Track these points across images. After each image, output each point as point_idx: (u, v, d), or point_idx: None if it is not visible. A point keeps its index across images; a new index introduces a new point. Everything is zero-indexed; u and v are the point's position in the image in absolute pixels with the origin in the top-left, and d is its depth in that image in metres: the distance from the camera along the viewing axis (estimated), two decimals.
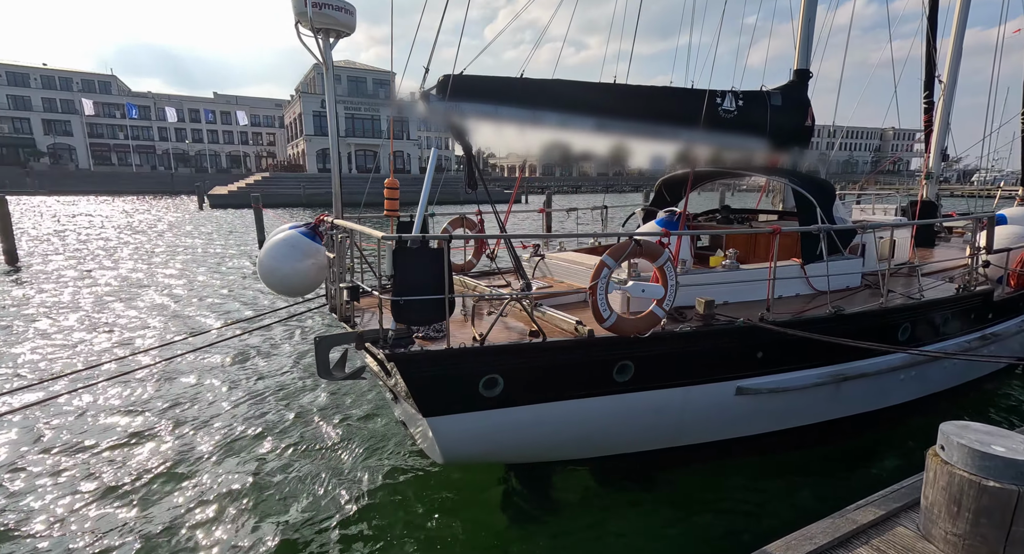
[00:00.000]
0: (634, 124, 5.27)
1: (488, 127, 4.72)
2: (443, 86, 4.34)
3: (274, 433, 5.52)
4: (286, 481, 4.62)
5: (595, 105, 5.05)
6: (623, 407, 3.94)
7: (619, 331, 3.60)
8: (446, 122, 4.55)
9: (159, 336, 8.58)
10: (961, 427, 2.05)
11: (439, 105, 4.35)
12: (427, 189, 3.72)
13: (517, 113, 4.74)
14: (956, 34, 8.07)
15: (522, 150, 6.02)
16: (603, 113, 5.10)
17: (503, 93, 4.58)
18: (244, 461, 4.99)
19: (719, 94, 5.69)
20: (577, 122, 5.12)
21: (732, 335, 4.08)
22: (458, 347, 3.25)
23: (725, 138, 5.88)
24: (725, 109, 5.72)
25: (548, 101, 4.83)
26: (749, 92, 5.96)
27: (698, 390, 4.17)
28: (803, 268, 5.21)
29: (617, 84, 5.18)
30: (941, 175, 8.51)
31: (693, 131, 5.62)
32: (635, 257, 3.61)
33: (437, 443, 3.50)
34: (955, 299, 5.06)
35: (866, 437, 5.26)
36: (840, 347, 4.41)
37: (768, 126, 5.99)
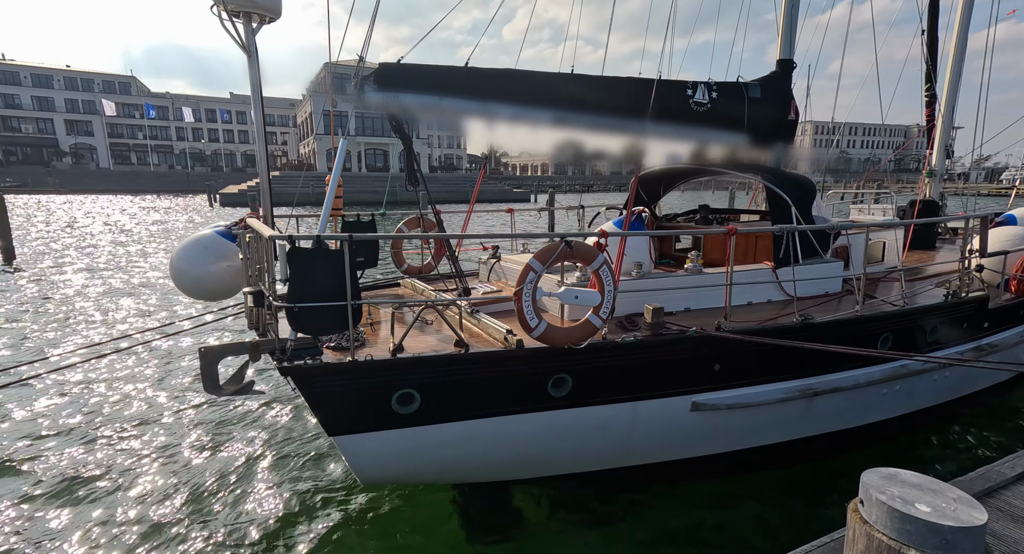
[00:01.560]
0: (595, 117, 4.96)
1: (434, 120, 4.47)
2: (380, 76, 4.08)
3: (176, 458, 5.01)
4: (211, 513, 4.18)
5: (552, 97, 4.74)
6: (562, 424, 3.64)
7: (550, 342, 3.30)
8: (386, 114, 4.30)
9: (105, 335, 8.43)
10: (887, 477, 1.71)
11: (376, 96, 4.10)
12: (333, 184, 3.45)
13: (465, 105, 4.46)
14: (960, 24, 7.53)
15: (535, 148, 5.77)
16: (561, 106, 4.79)
17: (446, 84, 4.31)
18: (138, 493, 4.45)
19: (689, 85, 5.33)
20: (533, 115, 4.83)
21: (684, 346, 3.75)
22: (364, 359, 2.99)
23: (698, 132, 5.52)
24: (697, 101, 5.35)
25: (499, 93, 4.54)
26: (724, 83, 5.58)
27: (648, 405, 3.85)
28: (775, 272, 4.83)
29: (574, 74, 4.85)
30: (946, 173, 7.97)
31: (661, 125, 5.28)
32: (566, 260, 3.31)
33: (348, 463, 3.26)
34: (943, 307, 4.63)
35: (846, 456, 4.86)
36: (809, 359, 4.05)
37: (746, 120, 5.61)
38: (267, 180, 4.24)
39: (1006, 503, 2.27)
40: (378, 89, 4.10)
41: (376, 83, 4.09)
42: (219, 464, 4.90)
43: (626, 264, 4.56)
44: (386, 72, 4.07)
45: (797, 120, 6.08)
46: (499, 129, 5.33)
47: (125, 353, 7.36)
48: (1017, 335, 5.33)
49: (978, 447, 5.15)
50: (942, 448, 5.13)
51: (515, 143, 5.59)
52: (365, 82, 4.07)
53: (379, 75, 4.07)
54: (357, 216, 5.11)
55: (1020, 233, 5.53)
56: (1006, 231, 5.64)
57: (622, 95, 5.07)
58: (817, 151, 25.11)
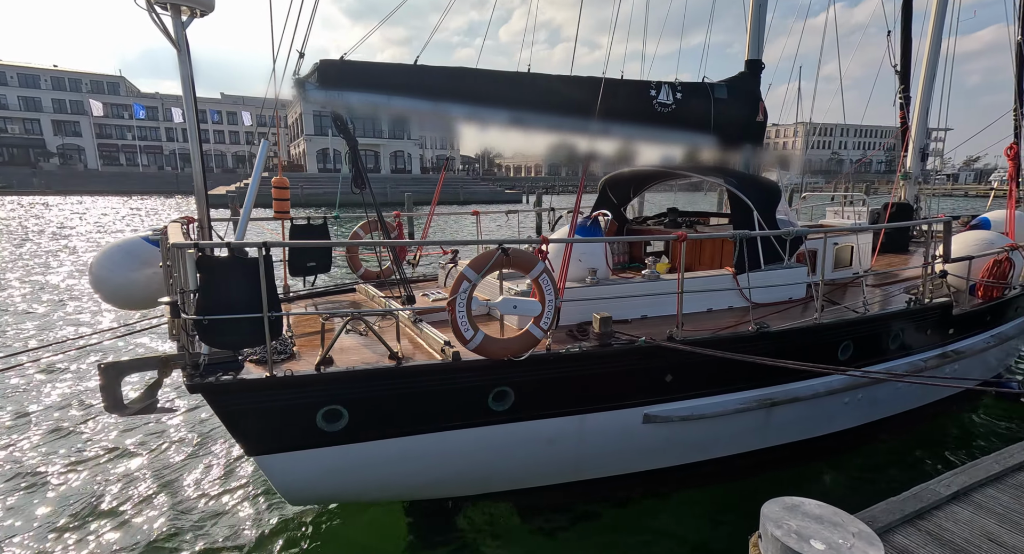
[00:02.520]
0: (553, 118, 4.82)
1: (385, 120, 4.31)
2: (323, 74, 3.92)
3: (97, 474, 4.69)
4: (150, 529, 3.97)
5: (508, 97, 4.59)
6: (505, 439, 3.49)
7: (487, 354, 3.16)
8: (330, 113, 4.14)
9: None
10: (788, 508, 1.58)
11: (318, 94, 3.94)
12: (253, 187, 3.28)
13: (416, 105, 4.31)
14: (934, 27, 7.47)
15: (528, 149, 5.63)
16: (519, 105, 4.65)
17: (394, 83, 4.15)
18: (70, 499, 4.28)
19: (653, 85, 5.20)
20: (488, 115, 4.68)
21: (634, 356, 3.61)
22: (284, 375, 2.83)
23: (663, 134, 5.40)
24: (661, 102, 5.23)
25: (452, 92, 4.38)
26: (689, 84, 5.46)
27: (598, 418, 3.71)
28: (735, 278, 4.71)
29: (531, 73, 4.71)
30: (920, 175, 7.90)
31: (623, 125, 5.15)
32: (503, 268, 3.16)
33: (273, 484, 3.09)
34: (905, 314, 4.52)
35: (806, 466, 4.74)
36: (765, 369, 3.92)
37: (713, 121, 5.49)
38: (202, 182, 4.06)
39: (936, 526, 2.15)
40: (320, 87, 3.94)
41: (318, 81, 3.92)
42: (133, 481, 4.60)
43: (580, 270, 4.43)
44: (328, 69, 3.91)
45: (766, 121, 5.98)
46: (489, 130, 5.19)
47: (55, 361, 7.03)
48: (983, 341, 5.24)
49: (935, 455, 5.05)
50: (899, 457, 5.01)
51: (508, 145, 5.49)
52: (307, 79, 3.90)
53: (321, 72, 3.91)
54: (307, 219, 4.94)
55: (988, 237, 5.45)
56: (974, 235, 5.55)
57: (579, 94, 4.94)
58: (809, 153, 25.13)
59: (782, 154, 8.54)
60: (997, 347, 5.55)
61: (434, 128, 4.91)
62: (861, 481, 4.63)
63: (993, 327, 5.37)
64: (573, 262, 4.46)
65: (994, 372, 6.14)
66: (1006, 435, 5.39)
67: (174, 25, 3.66)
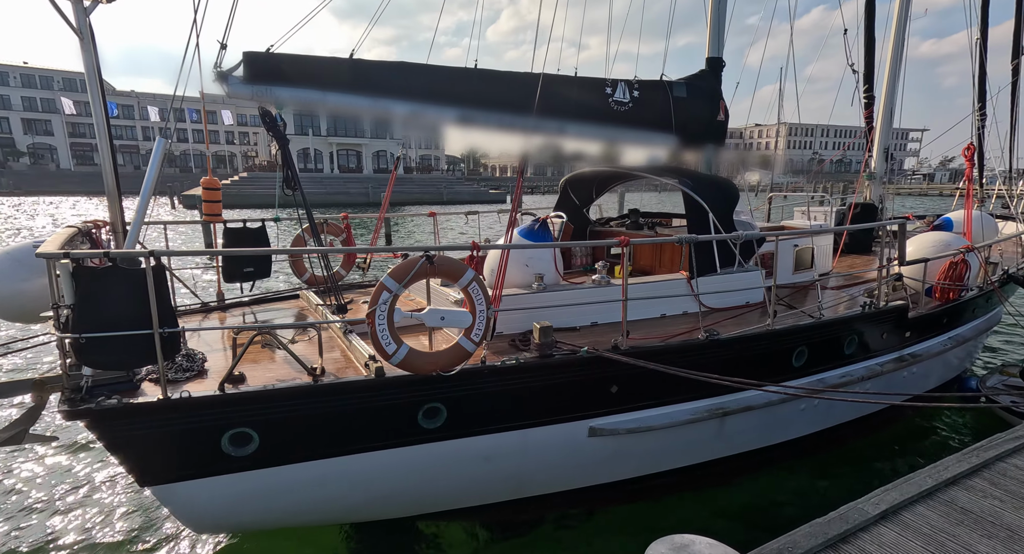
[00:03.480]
0: (505, 116, 4.62)
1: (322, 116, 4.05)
2: (248, 67, 3.66)
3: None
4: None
5: (456, 94, 4.37)
6: (439, 458, 3.28)
7: (413, 369, 2.94)
8: (258, 109, 3.88)
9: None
10: (676, 549, 1.40)
11: (243, 89, 3.68)
12: (148, 188, 3.01)
13: (354, 102, 4.07)
14: (897, 26, 7.47)
15: (513, 150, 5.41)
16: (468, 103, 4.44)
17: (328, 78, 3.90)
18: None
19: (608, 83, 5.04)
20: (434, 113, 4.47)
21: (575, 367, 3.43)
22: (178, 397, 2.58)
23: (620, 133, 5.24)
24: (617, 100, 5.07)
25: (393, 89, 4.15)
26: (646, 82, 5.31)
27: (540, 433, 3.52)
28: (690, 282, 4.57)
29: (479, 70, 4.50)
30: (885, 175, 7.89)
31: (580, 124, 4.98)
32: (427, 277, 2.95)
33: (173, 515, 2.84)
34: (859, 318, 4.43)
35: (763, 476, 4.62)
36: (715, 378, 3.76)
37: (673, 120, 5.35)
38: (114, 182, 3.77)
39: (860, 550, 2.01)
40: (246, 81, 3.68)
41: (244, 74, 3.67)
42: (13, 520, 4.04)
43: (527, 276, 4.24)
44: (254, 63, 3.65)
45: (727, 121, 5.87)
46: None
47: None
48: (941, 344, 5.19)
49: (891, 460, 4.98)
50: (855, 464, 4.92)
51: (493, 145, 5.23)
52: (230, 73, 3.64)
53: (247, 66, 3.65)
54: (243, 223, 4.67)
55: (945, 239, 5.40)
56: (932, 237, 5.51)
57: (525, 91, 4.75)
58: (790, 153, 25.38)
59: (743, 153, 8.46)
60: (957, 348, 5.51)
61: (420, 127, 4.72)
62: (815, 490, 4.53)
63: (951, 329, 5.33)
64: (519, 267, 4.28)
65: (955, 373, 6.12)
66: (973, 433, 5.33)
67: (76, 12, 3.39)
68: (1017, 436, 2.74)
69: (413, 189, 49.86)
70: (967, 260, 4.99)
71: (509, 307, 3.91)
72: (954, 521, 2.13)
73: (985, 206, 10.37)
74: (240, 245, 4.57)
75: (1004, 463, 2.50)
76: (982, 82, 8.62)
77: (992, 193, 10.31)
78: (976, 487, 2.34)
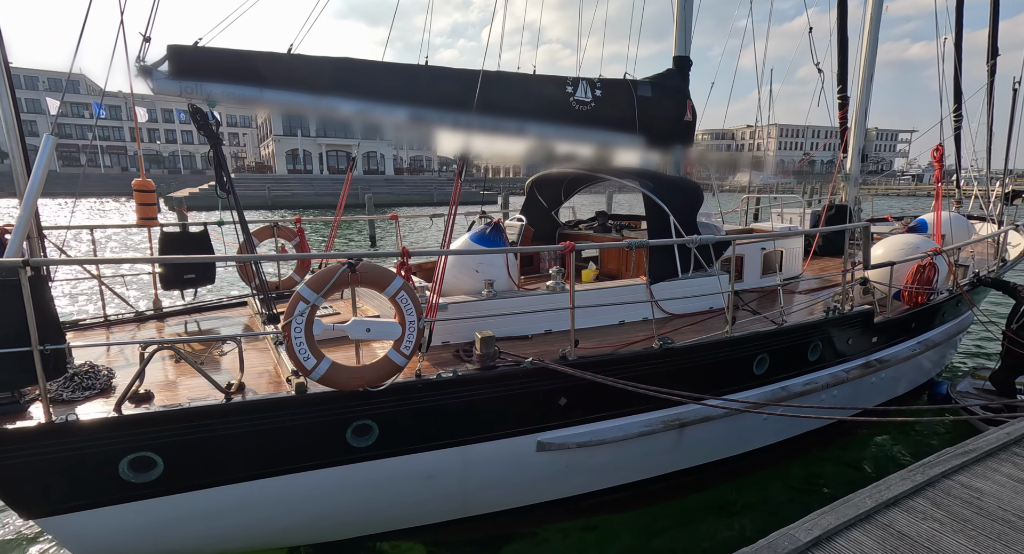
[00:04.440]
0: (459, 116, 4.45)
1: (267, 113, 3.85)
2: (173, 61, 3.46)
3: None
4: None
5: (406, 93, 4.19)
6: (370, 478, 3.10)
7: (336, 384, 2.77)
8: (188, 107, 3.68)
9: None
10: None
11: (169, 85, 3.48)
12: (30, 194, 2.80)
13: (294, 100, 3.88)
14: (871, 25, 7.38)
15: (506, 151, 5.28)
16: (420, 102, 4.26)
17: (265, 74, 3.71)
18: None
19: (569, 81, 4.89)
20: (383, 113, 4.29)
21: (519, 379, 3.26)
22: (63, 421, 2.37)
23: (582, 133, 5.09)
24: (579, 100, 4.92)
25: (337, 86, 3.97)
26: (609, 80, 5.17)
27: (484, 449, 3.35)
28: (649, 288, 4.42)
29: (431, 67, 4.32)
30: (860, 177, 7.80)
31: (539, 124, 4.82)
32: (350, 286, 2.77)
33: (69, 549, 2.63)
34: (824, 323, 4.30)
35: (723, 487, 4.47)
36: (675, 387, 3.61)
37: (638, 120, 5.21)
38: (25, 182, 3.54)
39: None
40: (172, 77, 3.48)
41: (169, 69, 3.47)
42: None
43: (476, 283, 4.07)
44: (180, 56, 3.46)
45: (695, 121, 5.74)
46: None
47: None
48: (909, 349, 5.08)
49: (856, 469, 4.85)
50: (819, 474, 4.78)
51: (486, 146, 5.02)
52: (154, 67, 3.44)
53: (172, 60, 3.45)
54: (183, 227, 4.45)
55: (914, 242, 5.30)
56: (901, 240, 5.41)
57: (493, 91, 4.57)
58: (781, 154, 25.42)
59: (722, 154, 8.26)
60: (927, 353, 5.41)
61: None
62: (772, 504, 4.38)
63: (920, 333, 5.22)
64: (469, 273, 4.11)
65: (927, 377, 6.03)
66: (945, 436, 5.22)
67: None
68: (966, 450, 2.60)
69: (403, 190, 49.51)
70: (935, 263, 4.88)
71: (456, 315, 3.74)
72: (889, 548, 1.98)
73: (964, 207, 10.36)
74: (179, 251, 4.36)
75: (950, 481, 2.36)
76: (957, 84, 8.58)
77: (970, 194, 10.28)
78: (917, 508, 2.20)
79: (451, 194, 3.72)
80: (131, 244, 19.44)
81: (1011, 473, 2.42)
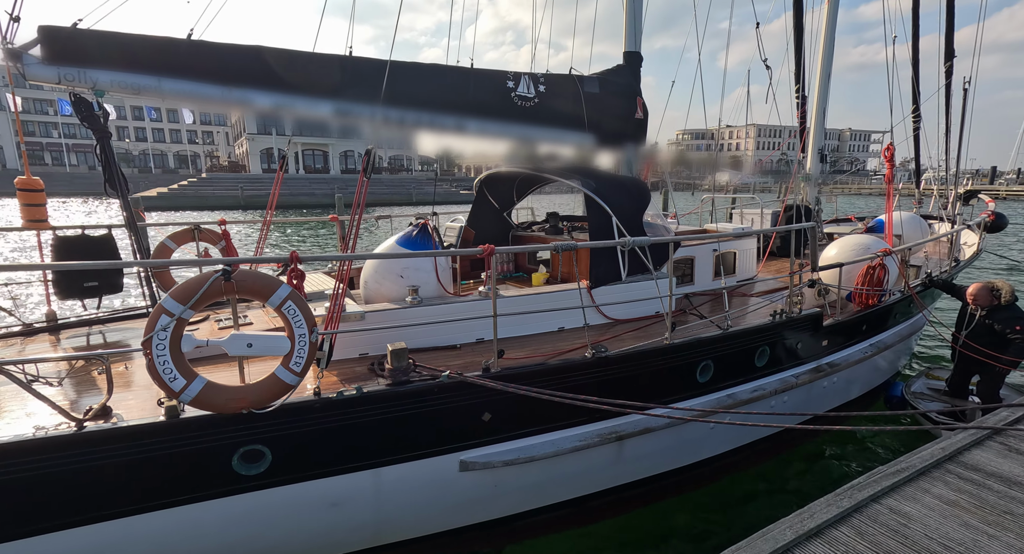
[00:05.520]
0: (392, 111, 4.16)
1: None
2: (49, 45, 3.09)
3: None
4: None
5: (331, 86, 3.88)
6: (268, 507, 2.79)
7: (212, 407, 2.46)
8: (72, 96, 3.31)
9: None
10: None
11: (44, 71, 3.11)
12: None
13: (198, 91, 3.53)
14: (828, 24, 7.32)
15: (489, 150, 5.02)
16: (348, 96, 3.96)
17: (161, 61, 3.35)
18: None
19: (510, 76, 4.64)
20: (304, 107, 3.97)
21: (434, 395, 3.00)
22: None
23: (526, 130, 4.84)
24: (521, 95, 4.68)
25: (248, 77, 3.63)
26: (554, 76, 4.94)
27: (398, 471, 3.07)
28: (590, 292, 4.20)
29: (357, 58, 4.01)
30: (820, 177, 7.75)
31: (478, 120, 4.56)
32: (223, 296, 2.46)
33: None
34: (770, 328, 4.14)
35: (673, 499, 4.28)
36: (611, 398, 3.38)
37: (586, 118, 4.99)
38: None
39: None
40: (47, 62, 3.11)
41: (43, 54, 3.10)
42: None
43: (400, 289, 3.79)
44: (53, 40, 3.09)
45: (647, 119, 5.55)
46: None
47: None
48: (861, 352, 4.97)
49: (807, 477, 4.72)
50: (769, 484, 4.64)
51: (467, 146, 4.99)
52: (25, 51, 3.07)
53: (44, 44, 3.08)
54: (82, 231, 4.06)
55: (865, 242, 5.20)
56: (852, 241, 5.31)
57: (425, 85, 4.30)
58: (758, 153, 25.66)
59: (654, 153, 8.07)
60: (881, 355, 5.32)
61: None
62: (715, 517, 4.19)
63: (871, 336, 5.12)
64: (393, 279, 3.82)
65: (883, 378, 5.95)
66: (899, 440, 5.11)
67: None
68: (899, 469, 2.43)
69: (382, 190, 48.70)
70: (885, 264, 4.78)
71: (374, 325, 3.46)
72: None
73: (924, 207, 10.45)
74: (78, 256, 3.97)
75: (878, 505, 2.17)
76: (915, 86, 8.62)
77: (931, 194, 10.39)
78: (840, 539, 2.01)
79: (431, 193, 3.45)
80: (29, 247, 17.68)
81: (942, 494, 2.25)
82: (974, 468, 2.44)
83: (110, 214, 35.51)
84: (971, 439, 2.68)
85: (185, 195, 43.75)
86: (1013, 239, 20.37)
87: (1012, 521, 2.11)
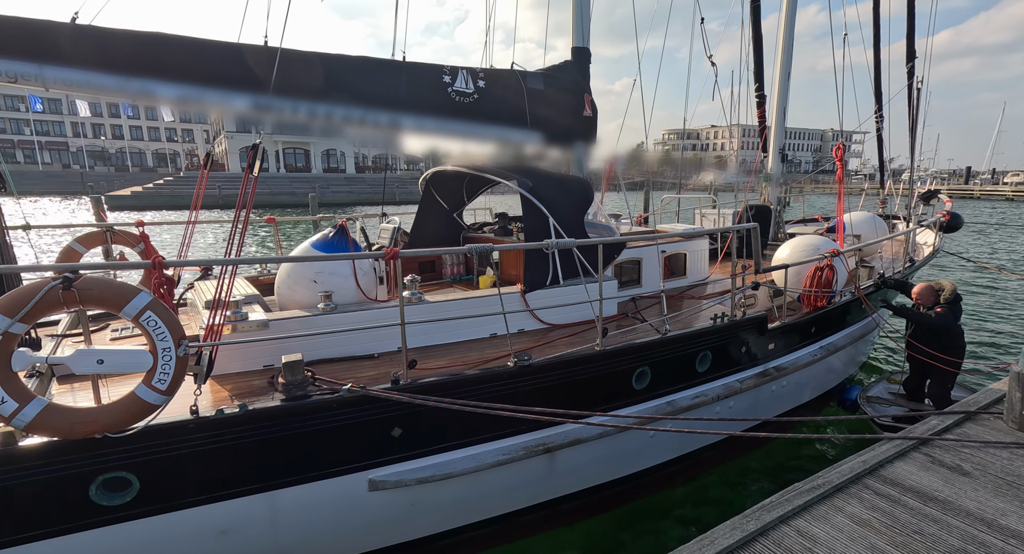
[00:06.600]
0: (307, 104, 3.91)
1: None
2: None
3: None
4: None
5: (234, 77, 3.61)
6: (134, 541, 2.54)
7: (55, 433, 2.20)
8: None
9: None
10: None
11: None
12: None
13: (91, 80, 3.25)
14: (786, 23, 7.24)
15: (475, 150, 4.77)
16: (254, 88, 3.69)
17: (42, 47, 3.06)
18: None
19: (446, 71, 4.41)
20: (213, 99, 3.71)
21: (333, 411, 2.76)
22: None
23: (464, 127, 4.62)
24: (459, 91, 4.45)
25: (145, 66, 3.35)
26: (494, 71, 4.73)
27: (298, 493, 2.84)
28: (523, 296, 4.00)
29: (262, 46, 3.71)
30: (781, 176, 7.67)
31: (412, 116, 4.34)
32: (68, 306, 2.20)
33: None
34: (711, 331, 3.98)
35: (612, 511, 4.11)
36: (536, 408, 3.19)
37: (529, 115, 4.78)
38: None
39: None
40: None
41: None
42: None
43: (313, 295, 3.55)
44: None
45: (595, 116, 5.37)
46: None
47: None
48: (810, 354, 4.85)
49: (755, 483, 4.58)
50: (714, 493, 4.49)
51: (453, 146, 4.95)
52: None
53: None
54: (24, 228, 3.73)
55: (816, 243, 5.09)
56: (804, 241, 5.19)
57: (355, 77, 4.05)
58: (743, 153, 25.82)
59: (610, 152, 7.89)
60: (833, 357, 5.21)
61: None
62: (663, 528, 4.04)
63: (821, 338, 5.01)
64: (306, 284, 3.58)
65: (836, 381, 5.86)
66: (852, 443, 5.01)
67: None
68: (815, 485, 2.27)
69: (365, 189, 48.12)
70: (833, 265, 4.66)
71: (276, 334, 3.21)
72: None
73: (888, 207, 10.48)
74: None
75: (786, 527, 2.01)
76: (877, 86, 8.60)
77: (896, 193, 10.41)
78: None
79: (418, 192, 3.18)
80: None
81: (855, 513, 2.10)
82: (893, 483, 2.30)
83: (89, 216, 34.40)
84: (895, 451, 2.54)
85: (161, 194, 42.72)
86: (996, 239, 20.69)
87: (919, 541, 1.97)
